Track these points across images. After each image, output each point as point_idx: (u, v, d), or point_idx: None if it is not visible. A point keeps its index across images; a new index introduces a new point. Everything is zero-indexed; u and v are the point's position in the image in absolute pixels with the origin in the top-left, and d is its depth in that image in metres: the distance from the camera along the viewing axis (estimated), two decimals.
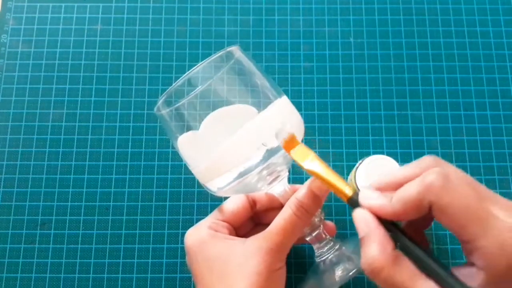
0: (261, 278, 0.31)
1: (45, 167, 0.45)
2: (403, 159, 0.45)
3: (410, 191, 0.26)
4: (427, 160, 0.28)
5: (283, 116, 0.33)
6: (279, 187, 0.34)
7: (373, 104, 0.47)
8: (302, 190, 0.33)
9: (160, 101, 0.33)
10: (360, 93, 0.48)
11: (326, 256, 0.35)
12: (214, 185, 0.34)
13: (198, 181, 0.34)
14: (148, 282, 0.42)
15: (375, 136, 0.46)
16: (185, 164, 0.45)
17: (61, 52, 0.49)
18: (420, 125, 0.46)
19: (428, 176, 0.26)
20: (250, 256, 0.31)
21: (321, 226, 0.35)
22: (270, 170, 0.33)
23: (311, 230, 0.35)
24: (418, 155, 0.45)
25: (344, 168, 0.45)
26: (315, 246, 0.36)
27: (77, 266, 0.43)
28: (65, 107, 0.47)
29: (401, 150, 0.46)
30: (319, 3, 0.51)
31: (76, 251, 0.43)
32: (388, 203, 0.27)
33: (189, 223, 0.44)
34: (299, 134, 0.34)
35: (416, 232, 0.31)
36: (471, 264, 0.26)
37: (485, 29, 0.49)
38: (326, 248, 0.35)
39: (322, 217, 0.36)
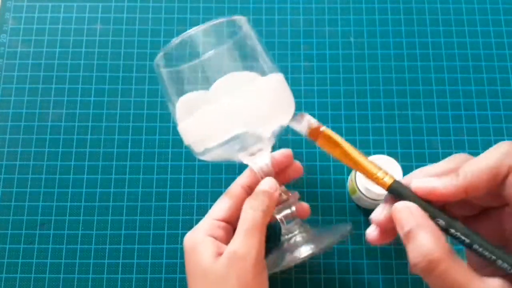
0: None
1: (45, 167, 0.45)
2: (404, 159, 0.45)
3: (485, 160, 0.25)
4: (460, 157, 0.27)
5: (271, 97, 0.33)
6: (260, 160, 0.34)
7: (373, 104, 0.47)
8: (254, 192, 0.33)
9: (159, 57, 0.33)
10: (360, 93, 0.47)
11: (292, 235, 0.35)
12: (198, 148, 0.34)
13: (195, 181, 0.33)
14: (148, 283, 0.42)
15: (376, 136, 0.46)
16: (184, 164, 0.45)
17: (61, 52, 0.49)
18: (421, 125, 0.46)
19: (502, 146, 0.25)
20: (225, 269, 0.31)
21: (292, 207, 0.35)
22: (255, 140, 0.33)
23: (280, 210, 0.35)
24: (418, 155, 0.45)
25: (344, 168, 0.45)
26: (282, 226, 0.35)
27: (77, 266, 0.43)
28: (64, 107, 0.47)
29: (401, 150, 0.45)
30: (320, 3, 0.51)
31: (75, 252, 0.43)
32: (453, 180, 0.25)
33: (189, 224, 0.44)
34: (289, 113, 0.34)
35: None
36: None
37: (485, 28, 0.49)
38: (293, 228, 0.35)
39: (292, 198, 0.35)
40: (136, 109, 0.47)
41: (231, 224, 0.36)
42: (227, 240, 0.34)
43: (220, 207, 0.36)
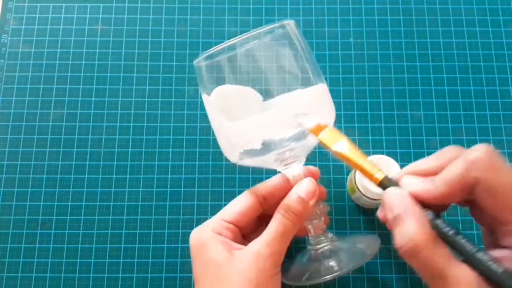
0: (255, 286, 0.31)
1: (46, 167, 0.46)
2: (403, 159, 0.45)
3: (454, 170, 0.26)
4: (449, 151, 0.28)
5: (316, 103, 0.34)
6: (295, 169, 0.35)
7: (372, 104, 0.47)
8: (290, 195, 0.33)
9: (201, 56, 0.33)
10: (359, 93, 0.48)
11: (319, 247, 0.35)
12: (234, 155, 0.34)
13: (198, 181, 0.34)
14: (148, 282, 0.42)
15: (375, 136, 0.46)
16: (185, 164, 0.46)
17: (62, 52, 0.49)
18: (420, 125, 0.46)
19: (473, 153, 0.26)
20: (245, 265, 0.32)
21: (321, 218, 0.36)
22: (292, 153, 0.34)
23: (310, 219, 0.35)
24: (417, 155, 0.45)
25: (344, 168, 0.45)
26: (310, 235, 0.36)
27: (78, 265, 0.43)
28: (65, 107, 0.47)
29: (400, 150, 0.46)
30: (319, 4, 0.51)
31: (76, 251, 0.43)
32: (433, 186, 0.26)
33: (189, 223, 0.44)
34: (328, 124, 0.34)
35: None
36: (502, 246, 0.25)
37: (484, 29, 0.50)
38: (320, 239, 0.35)
39: (324, 210, 0.36)
40: (137, 109, 0.47)
41: (239, 228, 0.36)
42: (233, 241, 0.34)
43: (232, 210, 0.36)
